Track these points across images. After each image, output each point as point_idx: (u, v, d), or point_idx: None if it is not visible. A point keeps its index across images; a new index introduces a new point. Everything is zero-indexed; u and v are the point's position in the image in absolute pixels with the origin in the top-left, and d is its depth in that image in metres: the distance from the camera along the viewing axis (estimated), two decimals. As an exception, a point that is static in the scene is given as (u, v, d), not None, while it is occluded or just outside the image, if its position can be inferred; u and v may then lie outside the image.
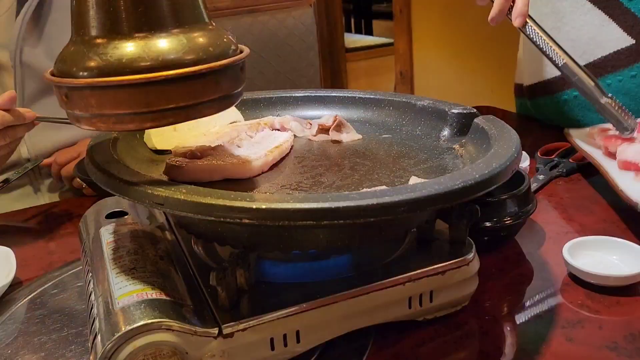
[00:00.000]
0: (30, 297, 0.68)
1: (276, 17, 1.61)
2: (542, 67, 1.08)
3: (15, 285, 0.71)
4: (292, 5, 1.67)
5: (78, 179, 0.96)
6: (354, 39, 3.59)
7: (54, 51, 1.02)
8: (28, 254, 0.80)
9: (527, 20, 0.81)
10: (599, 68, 0.97)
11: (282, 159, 0.65)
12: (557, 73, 1.04)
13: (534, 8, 1.05)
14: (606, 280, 0.61)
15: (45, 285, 0.70)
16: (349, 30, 4.27)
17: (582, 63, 0.98)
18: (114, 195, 0.66)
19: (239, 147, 0.65)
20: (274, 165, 0.63)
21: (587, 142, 0.87)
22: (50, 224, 0.90)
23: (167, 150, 0.66)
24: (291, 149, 0.68)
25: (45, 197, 1.09)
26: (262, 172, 0.61)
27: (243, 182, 0.59)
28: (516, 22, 0.80)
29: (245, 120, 0.75)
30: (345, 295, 0.52)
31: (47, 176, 1.10)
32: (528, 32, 0.81)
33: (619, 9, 0.92)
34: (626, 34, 0.92)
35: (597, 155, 0.82)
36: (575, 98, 1.02)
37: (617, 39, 0.94)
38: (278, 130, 0.72)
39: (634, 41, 0.92)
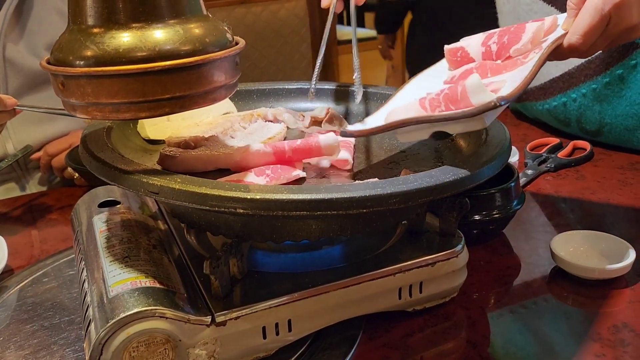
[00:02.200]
0: (21, 285, 0.68)
1: (269, 9, 1.61)
2: None
3: (5, 273, 0.71)
4: (285, -3, 1.67)
5: (69, 169, 0.96)
6: (346, 32, 3.58)
7: (36, 47, 1.01)
8: (19, 243, 0.80)
9: None
10: (574, 78, 0.97)
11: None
12: (536, 84, 1.04)
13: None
14: (591, 273, 0.62)
15: (37, 274, 0.70)
16: (341, 23, 4.25)
17: (559, 73, 0.99)
18: (106, 185, 0.66)
19: (232, 137, 0.65)
20: (267, 157, 0.64)
21: None
22: (42, 213, 0.90)
23: (160, 140, 0.66)
24: (284, 140, 0.69)
25: (33, 191, 1.09)
26: (256, 163, 0.62)
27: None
28: None
29: (238, 111, 0.75)
30: (337, 286, 0.53)
31: (35, 171, 1.09)
32: None
33: None
34: None
35: None
36: (556, 108, 1.02)
37: None
38: (271, 121, 0.72)
39: None
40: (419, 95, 0.58)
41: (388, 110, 0.58)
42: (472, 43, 0.65)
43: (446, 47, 0.67)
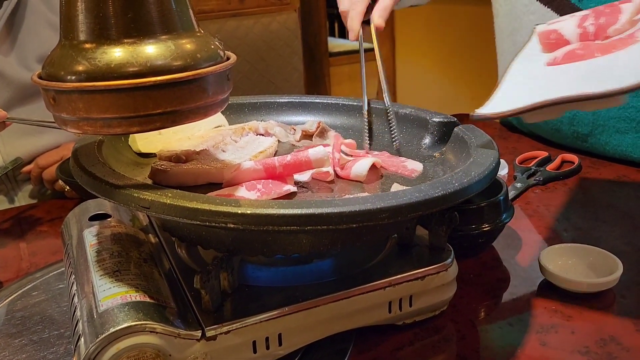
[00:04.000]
0: (10, 298, 0.68)
1: (261, 22, 1.62)
2: None
3: (-5, 286, 0.71)
4: (277, 10, 1.68)
5: (60, 182, 0.96)
6: (337, 44, 3.59)
7: (27, 59, 1.01)
8: (8, 255, 0.80)
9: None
10: None
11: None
12: None
13: (505, 23, 1.07)
14: (579, 286, 0.63)
15: (26, 287, 0.70)
16: (332, 35, 4.28)
17: None
18: (96, 198, 0.66)
19: (223, 151, 0.65)
20: (258, 170, 0.64)
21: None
22: (31, 225, 0.89)
23: (151, 154, 0.66)
24: (275, 154, 0.69)
25: (22, 204, 1.08)
26: (247, 177, 0.62)
27: (227, 187, 0.59)
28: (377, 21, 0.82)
29: (229, 124, 0.76)
30: (327, 299, 0.53)
31: (24, 183, 1.09)
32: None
33: (569, 9, 0.94)
34: None
35: None
36: None
37: None
38: (262, 135, 0.73)
39: None
40: (528, 77, 0.63)
41: (504, 95, 0.62)
42: (565, 25, 0.68)
43: (537, 29, 0.70)
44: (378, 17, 0.82)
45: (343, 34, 4.49)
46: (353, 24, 0.82)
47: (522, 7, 1.02)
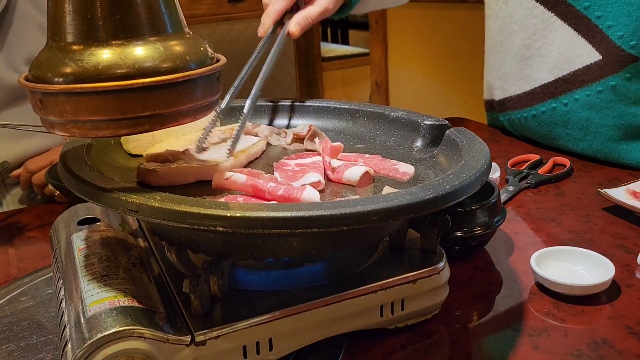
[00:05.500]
0: (-2, 304, 0.67)
1: (252, 26, 1.61)
2: (510, 83, 1.10)
3: (-18, 292, 0.70)
4: (269, 14, 1.68)
5: (50, 186, 0.95)
6: (330, 48, 3.61)
7: (15, 61, 1.01)
8: (-4, 260, 0.79)
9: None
10: (568, 83, 1.00)
11: (255, 160, 0.66)
12: (525, 89, 1.07)
13: (504, 25, 1.08)
14: (571, 289, 0.63)
15: (14, 292, 0.69)
16: (325, 40, 4.29)
17: (552, 78, 1.02)
18: (86, 202, 0.66)
19: (205, 150, 0.65)
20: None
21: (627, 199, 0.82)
22: (20, 230, 0.88)
23: (142, 155, 0.66)
24: (262, 153, 0.69)
25: (10, 208, 1.07)
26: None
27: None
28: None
29: (221, 126, 0.75)
30: (318, 303, 0.52)
31: (12, 187, 1.08)
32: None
33: (587, 25, 0.95)
34: (594, 49, 0.95)
35: None
36: (543, 113, 1.04)
37: (586, 54, 0.97)
38: (252, 135, 0.73)
39: (600, 57, 0.95)
40: None
41: None
42: None
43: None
44: (295, 24, 0.77)
45: (336, 39, 4.51)
46: (266, 19, 0.79)
47: (524, 11, 1.03)
